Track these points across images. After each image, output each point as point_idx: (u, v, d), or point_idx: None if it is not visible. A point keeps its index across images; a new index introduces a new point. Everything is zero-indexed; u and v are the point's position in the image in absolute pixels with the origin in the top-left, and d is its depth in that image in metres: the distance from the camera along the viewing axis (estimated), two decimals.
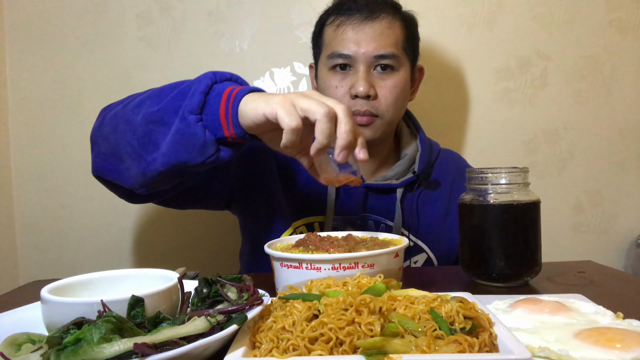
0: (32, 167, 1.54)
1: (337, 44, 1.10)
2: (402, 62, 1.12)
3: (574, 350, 0.52)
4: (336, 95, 1.11)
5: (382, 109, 1.10)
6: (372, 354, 0.47)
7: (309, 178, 1.11)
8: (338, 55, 1.10)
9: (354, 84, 1.08)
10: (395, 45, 1.10)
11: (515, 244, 0.85)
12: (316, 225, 1.15)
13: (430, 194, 1.20)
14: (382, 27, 1.09)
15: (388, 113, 1.11)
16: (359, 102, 1.09)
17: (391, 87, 1.10)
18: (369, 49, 1.08)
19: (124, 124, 0.89)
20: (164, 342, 0.48)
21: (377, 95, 1.09)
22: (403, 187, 1.16)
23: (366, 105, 1.08)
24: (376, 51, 1.08)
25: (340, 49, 1.09)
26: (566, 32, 1.57)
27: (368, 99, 1.08)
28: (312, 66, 1.24)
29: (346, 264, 0.73)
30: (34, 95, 1.53)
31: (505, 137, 1.59)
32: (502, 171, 0.87)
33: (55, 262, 1.55)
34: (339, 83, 1.11)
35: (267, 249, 0.80)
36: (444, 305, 0.54)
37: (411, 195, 1.18)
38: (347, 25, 1.10)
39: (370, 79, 1.09)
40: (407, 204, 1.17)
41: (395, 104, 1.11)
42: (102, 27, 1.53)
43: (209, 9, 1.54)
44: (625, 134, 1.60)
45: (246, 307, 0.56)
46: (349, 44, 1.09)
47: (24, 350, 0.50)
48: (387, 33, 1.09)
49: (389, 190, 1.17)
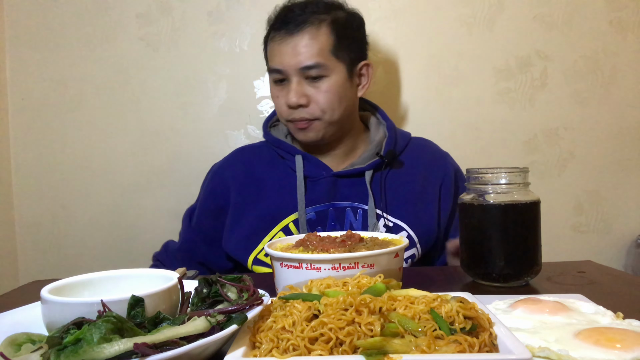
0: (32, 167, 1.54)
1: (271, 59, 1.20)
2: (332, 67, 1.17)
3: (574, 350, 0.52)
4: (278, 104, 1.21)
5: (317, 113, 1.17)
6: (372, 354, 0.47)
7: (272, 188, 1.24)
8: (272, 70, 1.19)
9: (286, 95, 1.17)
10: (320, 53, 1.15)
11: (515, 244, 0.85)
12: (291, 225, 1.19)
13: (402, 176, 1.25)
14: (305, 39, 1.15)
15: (325, 115, 1.18)
16: (296, 111, 1.17)
17: (324, 92, 1.17)
18: (292, 62, 1.15)
19: None
20: (164, 342, 0.47)
21: (309, 102, 1.17)
22: (371, 170, 1.22)
23: (302, 113, 1.17)
24: (301, 63, 1.15)
25: (272, 63, 1.19)
26: (566, 32, 1.57)
27: (302, 107, 1.17)
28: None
29: (346, 264, 0.73)
30: (34, 95, 1.53)
31: (505, 137, 1.59)
32: (502, 171, 0.86)
33: (55, 262, 1.56)
34: (278, 93, 1.20)
35: (267, 249, 0.80)
36: (444, 305, 0.54)
37: (379, 175, 1.23)
38: (275, 42, 1.18)
39: (302, 88, 1.16)
40: (375, 185, 1.22)
41: (331, 106, 1.17)
42: (102, 27, 1.53)
43: (209, 9, 1.54)
44: (625, 134, 1.60)
45: (246, 307, 0.56)
46: (277, 59, 1.17)
47: (24, 350, 0.50)
48: (310, 44, 1.15)
49: (357, 175, 1.22)
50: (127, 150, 1.57)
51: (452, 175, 1.28)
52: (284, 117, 1.21)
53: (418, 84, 1.57)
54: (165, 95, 1.56)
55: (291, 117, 1.19)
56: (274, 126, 1.34)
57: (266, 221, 1.20)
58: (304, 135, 1.21)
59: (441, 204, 1.25)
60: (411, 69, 1.57)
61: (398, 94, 1.56)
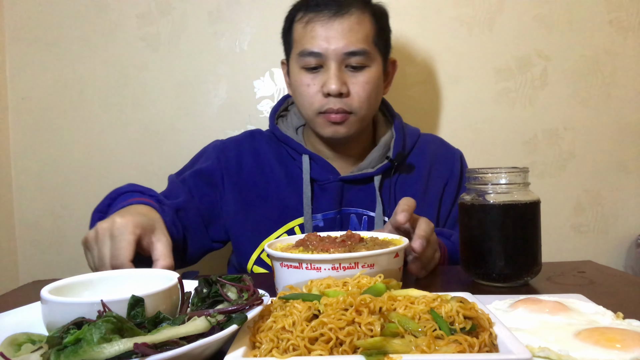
0: (32, 167, 1.54)
1: (307, 41, 1.08)
2: (374, 58, 1.10)
3: (574, 350, 0.52)
4: (308, 93, 1.10)
5: (355, 105, 1.09)
6: (372, 354, 0.47)
7: (279, 186, 1.16)
8: (308, 53, 1.08)
9: (326, 82, 1.07)
10: (366, 40, 1.08)
11: (515, 244, 0.85)
12: (296, 229, 1.15)
13: (407, 177, 1.20)
14: (352, 22, 1.07)
15: (361, 110, 1.10)
16: (331, 100, 1.08)
17: (363, 83, 1.09)
18: (339, 46, 1.06)
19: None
20: (164, 342, 0.47)
21: (349, 93, 1.08)
22: (380, 174, 1.16)
23: (339, 103, 1.08)
24: (346, 48, 1.06)
25: (310, 46, 1.07)
26: (566, 32, 1.57)
27: (341, 96, 1.08)
28: (284, 63, 1.22)
29: (346, 264, 0.72)
30: (34, 95, 1.53)
31: (505, 137, 1.59)
32: (502, 171, 0.86)
33: (55, 262, 1.56)
34: (311, 81, 1.09)
35: (267, 249, 0.80)
36: (444, 305, 0.54)
37: (389, 181, 1.17)
38: (315, 22, 1.08)
39: (342, 76, 1.08)
40: (385, 191, 1.17)
41: (369, 100, 1.10)
42: (102, 27, 1.53)
43: (209, 9, 1.54)
44: (625, 134, 1.60)
45: (246, 307, 0.56)
46: (318, 41, 1.07)
47: (24, 350, 0.50)
48: (357, 29, 1.07)
49: (366, 180, 1.17)
50: (127, 150, 1.57)
51: (459, 175, 1.24)
52: (315, 108, 1.10)
53: (418, 84, 1.57)
54: (165, 95, 1.56)
55: (326, 108, 1.09)
56: (282, 116, 1.26)
57: (272, 220, 1.15)
58: (335, 130, 1.11)
59: (442, 205, 1.22)
60: (411, 69, 1.57)
61: (398, 94, 1.56)
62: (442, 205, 1.22)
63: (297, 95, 1.15)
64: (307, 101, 1.11)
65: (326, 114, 1.10)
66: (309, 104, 1.11)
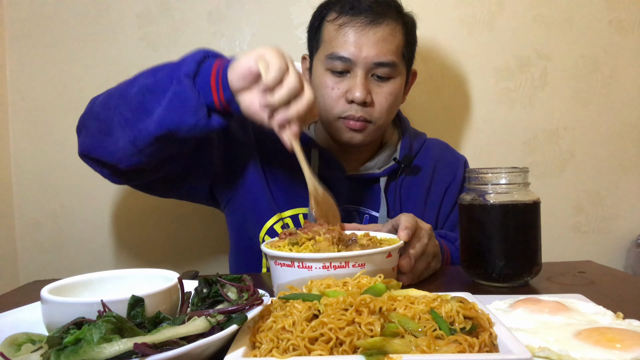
0: (32, 167, 1.54)
1: (338, 44, 1.06)
2: (400, 70, 1.10)
3: (574, 350, 0.52)
4: (330, 96, 1.08)
5: (375, 115, 1.09)
6: (372, 354, 0.47)
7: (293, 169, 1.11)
8: (337, 57, 1.06)
9: (351, 89, 1.06)
10: (396, 52, 1.08)
11: (515, 244, 0.85)
12: (301, 217, 1.15)
13: (412, 180, 1.20)
14: (386, 33, 1.06)
15: (381, 119, 1.10)
16: (354, 107, 1.07)
17: (387, 94, 1.09)
18: (370, 55, 1.05)
19: (117, 99, 0.96)
20: (164, 342, 0.47)
21: (372, 102, 1.08)
22: (386, 175, 1.16)
23: (361, 111, 1.07)
24: (377, 58, 1.05)
25: (341, 50, 1.06)
26: (566, 32, 1.57)
27: (364, 105, 1.07)
28: (305, 57, 1.21)
29: (337, 263, 0.73)
30: (34, 95, 1.53)
31: (505, 137, 1.59)
32: (502, 171, 0.87)
33: (55, 262, 1.55)
34: (335, 85, 1.08)
35: (264, 248, 0.81)
36: (444, 305, 0.54)
37: (395, 183, 1.18)
38: (350, 27, 1.06)
39: (368, 84, 1.07)
40: (391, 193, 1.17)
41: (389, 110, 1.11)
42: (102, 27, 1.53)
43: (209, 9, 1.54)
44: (625, 134, 1.60)
45: (246, 307, 0.56)
46: (350, 47, 1.05)
47: (24, 350, 0.50)
48: (390, 39, 1.06)
49: (372, 181, 1.17)
50: None
51: (461, 180, 1.23)
52: (336, 113, 1.09)
53: (418, 84, 1.57)
54: None
55: (347, 114, 1.07)
56: None
57: (288, 197, 1.14)
58: (352, 136, 1.10)
59: (441, 208, 1.22)
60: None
61: None
62: (442, 208, 1.23)
63: (318, 96, 1.12)
64: (329, 104, 1.10)
65: (346, 120, 1.09)
66: (330, 107, 1.10)
